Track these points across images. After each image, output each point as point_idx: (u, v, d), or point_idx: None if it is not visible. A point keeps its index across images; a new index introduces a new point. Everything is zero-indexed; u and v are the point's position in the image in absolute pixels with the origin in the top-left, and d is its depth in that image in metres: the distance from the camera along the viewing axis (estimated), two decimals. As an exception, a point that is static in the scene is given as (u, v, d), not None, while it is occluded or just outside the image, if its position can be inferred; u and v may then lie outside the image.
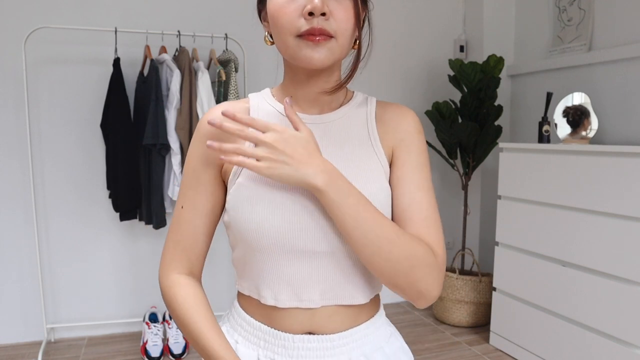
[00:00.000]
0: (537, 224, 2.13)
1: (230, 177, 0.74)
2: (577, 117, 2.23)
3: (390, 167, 0.76)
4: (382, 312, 0.82)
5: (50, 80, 2.37)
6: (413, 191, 0.72)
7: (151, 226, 2.54)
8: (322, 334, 0.74)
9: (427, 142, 2.83)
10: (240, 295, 0.80)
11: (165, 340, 2.40)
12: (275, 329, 0.75)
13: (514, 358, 2.27)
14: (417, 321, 2.74)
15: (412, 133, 0.76)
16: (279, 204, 0.69)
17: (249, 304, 0.77)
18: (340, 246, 0.70)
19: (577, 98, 2.26)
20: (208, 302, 0.77)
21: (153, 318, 2.42)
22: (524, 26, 2.81)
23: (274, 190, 0.70)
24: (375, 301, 0.80)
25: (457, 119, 2.68)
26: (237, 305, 0.80)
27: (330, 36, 0.67)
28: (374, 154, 0.75)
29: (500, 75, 2.77)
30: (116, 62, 2.26)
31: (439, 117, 2.67)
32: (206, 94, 2.25)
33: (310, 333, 0.74)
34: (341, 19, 0.67)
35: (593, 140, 2.30)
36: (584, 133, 2.21)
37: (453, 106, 2.68)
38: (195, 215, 0.76)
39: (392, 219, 0.73)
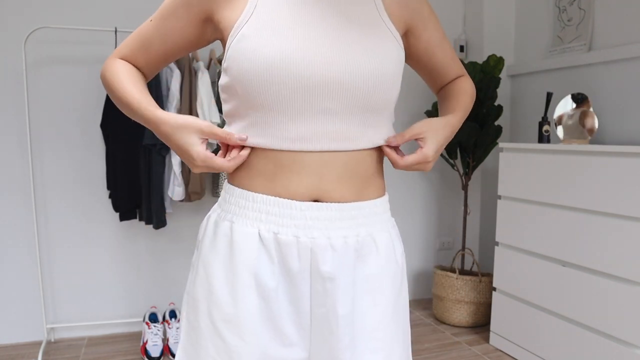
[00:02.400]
0: (537, 224, 2.13)
1: (231, 32, 0.72)
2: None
3: (406, 34, 0.85)
4: (387, 202, 0.82)
5: (50, 80, 2.37)
6: (444, 45, 0.90)
7: (151, 226, 2.54)
8: (329, 202, 0.72)
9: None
10: (233, 177, 0.79)
11: (165, 340, 2.40)
12: (279, 196, 0.72)
13: (514, 358, 2.27)
14: (417, 321, 2.74)
15: (419, 1, 0.85)
16: (290, 44, 0.69)
17: (248, 174, 0.75)
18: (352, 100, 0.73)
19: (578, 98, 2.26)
20: (140, 76, 0.81)
21: (153, 318, 2.42)
22: (524, 26, 2.81)
23: (285, 30, 0.70)
24: (380, 184, 0.80)
25: (457, 119, 2.67)
26: (230, 186, 0.77)
27: None
28: (388, 31, 0.78)
29: (500, 75, 2.77)
30: (116, 62, 2.26)
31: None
32: (206, 94, 2.25)
33: (316, 201, 0.72)
34: None
35: (593, 140, 2.30)
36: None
37: (453, 106, 2.67)
38: (157, 32, 0.78)
39: (437, 70, 0.92)
